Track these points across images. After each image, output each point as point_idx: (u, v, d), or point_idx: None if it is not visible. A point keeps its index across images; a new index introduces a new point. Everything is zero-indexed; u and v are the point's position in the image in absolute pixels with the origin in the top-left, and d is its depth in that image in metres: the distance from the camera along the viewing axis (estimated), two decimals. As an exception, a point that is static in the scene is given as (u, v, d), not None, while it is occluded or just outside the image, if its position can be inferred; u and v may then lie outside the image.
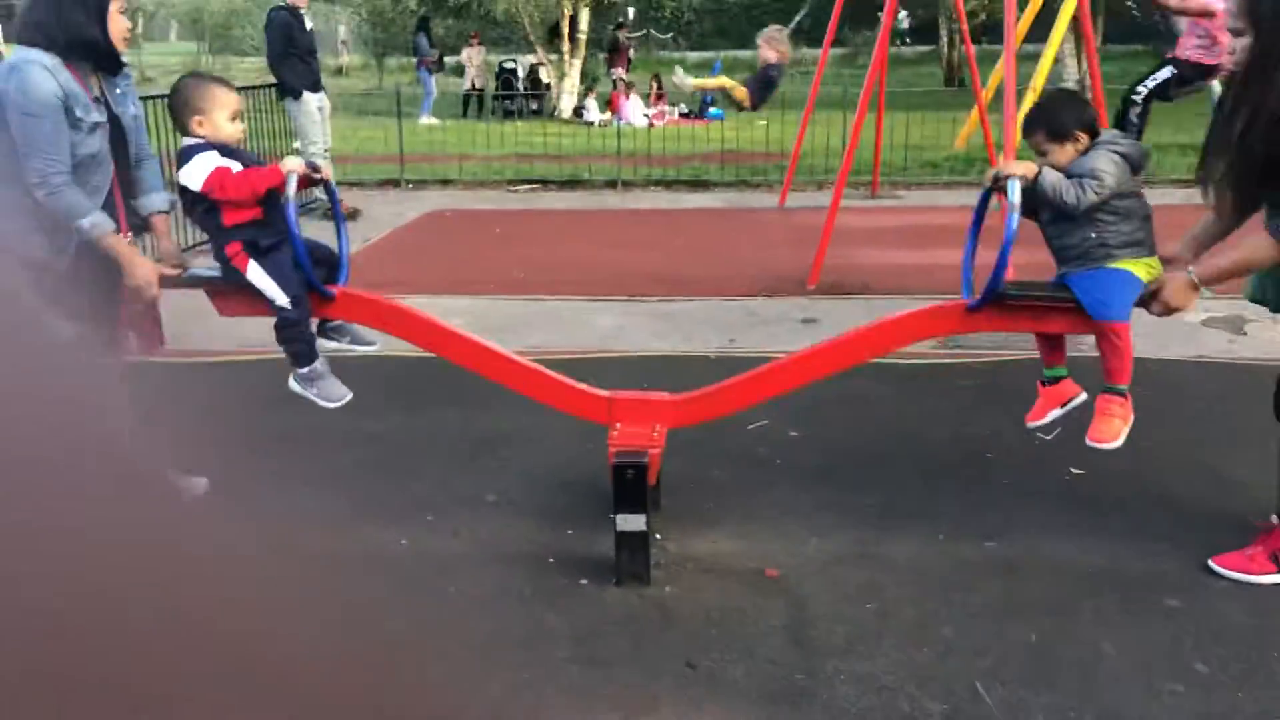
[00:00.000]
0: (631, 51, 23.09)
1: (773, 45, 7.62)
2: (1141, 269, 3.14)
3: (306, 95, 8.88)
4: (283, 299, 3.30)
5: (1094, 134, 3.20)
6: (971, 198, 3.63)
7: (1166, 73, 6.83)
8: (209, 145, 3.26)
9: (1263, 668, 2.75)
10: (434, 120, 18.29)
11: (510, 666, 2.81)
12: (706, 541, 3.47)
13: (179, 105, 3.30)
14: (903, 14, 35.78)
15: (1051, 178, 3.12)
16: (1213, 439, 4.02)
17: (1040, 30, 13.34)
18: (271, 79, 9.46)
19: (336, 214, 3.68)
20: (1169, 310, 3.14)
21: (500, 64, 20.99)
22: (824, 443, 4.27)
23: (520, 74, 20.36)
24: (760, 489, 3.87)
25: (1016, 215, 3.09)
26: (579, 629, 2.99)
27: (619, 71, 20.27)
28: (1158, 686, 2.69)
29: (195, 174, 3.22)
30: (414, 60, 22.82)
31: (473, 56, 20.56)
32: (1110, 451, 4.16)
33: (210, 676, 0.82)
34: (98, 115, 3.24)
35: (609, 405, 3.45)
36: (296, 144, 9.31)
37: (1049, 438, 4.26)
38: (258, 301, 3.35)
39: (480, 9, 18.79)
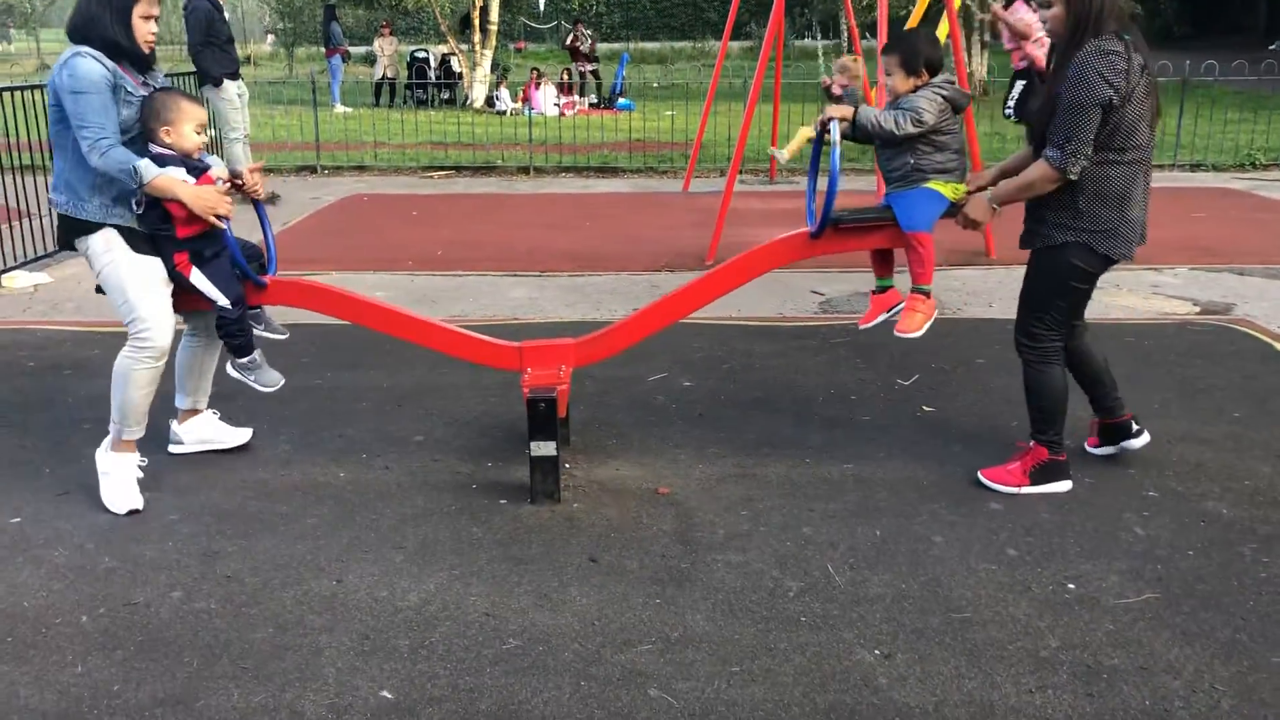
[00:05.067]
0: (585, 46, 22.47)
1: (846, 74, 7.88)
2: (948, 189, 3.78)
3: (227, 83, 9.17)
4: (223, 300, 3.76)
5: (935, 74, 3.79)
6: (861, 183, 4.15)
7: (1020, 85, 7.32)
8: (177, 159, 3.61)
9: (1059, 551, 3.39)
10: (347, 109, 18.50)
11: (443, 567, 3.32)
12: (609, 469, 4.02)
13: (149, 115, 3.62)
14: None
15: (867, 115, 3.72)
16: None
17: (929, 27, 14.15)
18: (188, 67, 9.71)
19: (260, 214, 3.98)
20: (970, 222, 3.76)
21: (412, 54, 21.19)
22: (713, 391, 4.85)
23: (432, 64, 20.59)
24: (657, 428, 4.43)
25: (838, 151, 3.68)
26: (499, 537, 3.51)
27: (585, 65, 20.72)
28: (974, 565, 3.31)
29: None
30: (322, 50, 22.88)
31: (384, 46, 20.76)
32: (956, 391, 4.83)
33: None
34: (144, 93, 3.63)
35: (519, 354, 3.95)
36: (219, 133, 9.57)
37: (908, 383, 4.92)
38: (203, 300, 3.79)
39: (392, -1, 19.05)
